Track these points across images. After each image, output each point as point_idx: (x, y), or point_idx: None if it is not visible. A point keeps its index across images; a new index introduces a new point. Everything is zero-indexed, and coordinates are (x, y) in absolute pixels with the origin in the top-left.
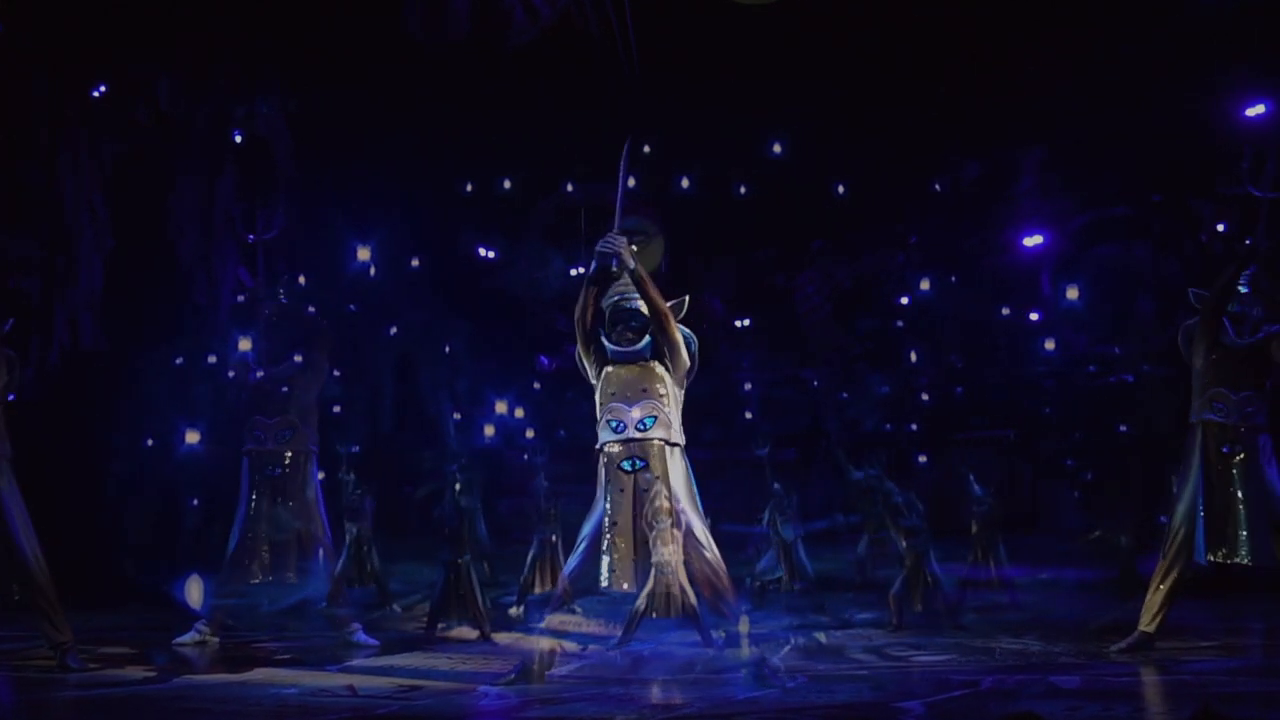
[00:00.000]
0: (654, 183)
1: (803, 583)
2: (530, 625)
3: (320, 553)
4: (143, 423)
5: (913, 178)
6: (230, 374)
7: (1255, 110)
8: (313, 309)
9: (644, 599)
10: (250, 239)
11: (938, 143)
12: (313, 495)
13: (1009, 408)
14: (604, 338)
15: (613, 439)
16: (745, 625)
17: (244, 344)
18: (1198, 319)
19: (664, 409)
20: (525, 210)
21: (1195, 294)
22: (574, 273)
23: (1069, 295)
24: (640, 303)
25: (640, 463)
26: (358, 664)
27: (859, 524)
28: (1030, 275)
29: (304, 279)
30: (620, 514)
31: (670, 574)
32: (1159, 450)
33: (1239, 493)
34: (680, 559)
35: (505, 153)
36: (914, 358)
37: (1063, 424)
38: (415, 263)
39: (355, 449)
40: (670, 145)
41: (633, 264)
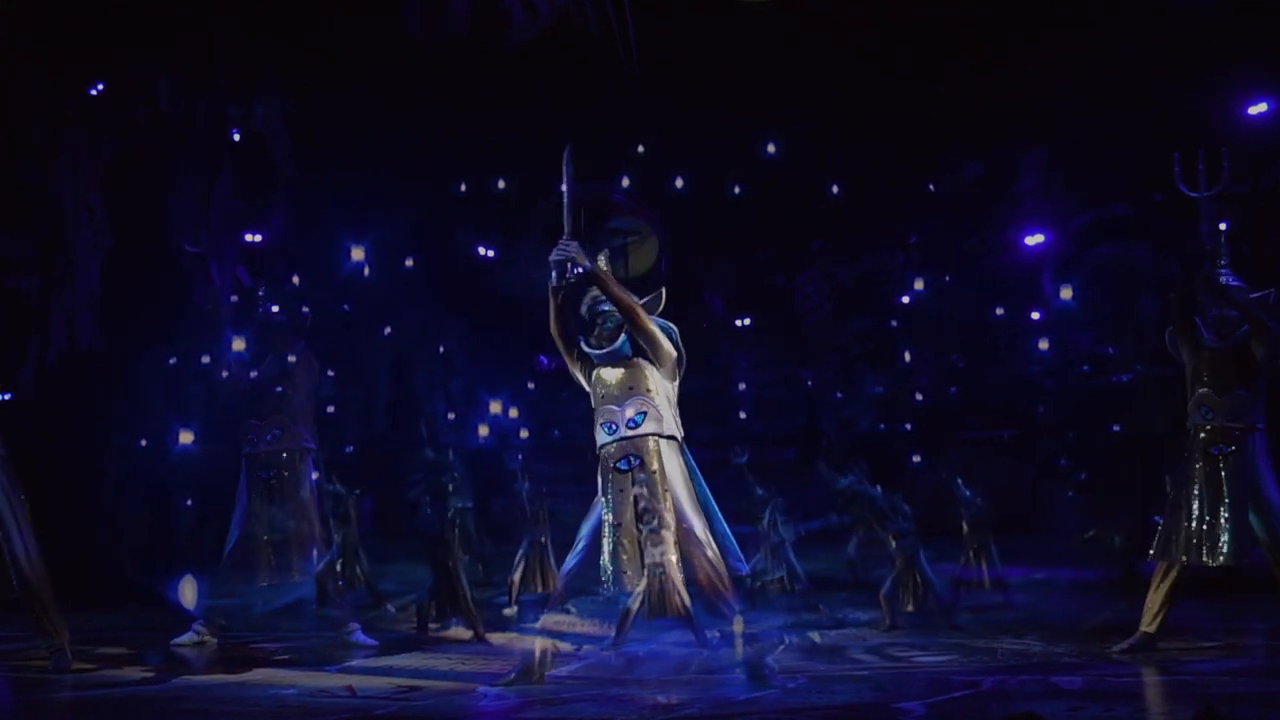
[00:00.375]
0: (653, 182)
1: (802, 583)
2: (525, 625)
3: (315, 553)
4: (137, 423)
5: (913, 177)
6: (224, 374)
7: (1258, 109)
8: (306, 308)
9: (636, 599)
10: (247, 238)
11: (938, 142)
12: (308, 495)
13: (1006, 408)
14: (584, 343)
15: (607, 440)
16: (740, 625)
17: (238, 344)
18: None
19: (654, 404)
20: (521, 210)
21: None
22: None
23: (1064, 295)
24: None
25: (635, 460)
26: (357, 664)
27: (850, 524)
28: (1031, 275)
29: (298, 279)
30: (623, 515)
31: (663, 575)
32: (1154, 450)
33: (1225, 494)
34: (674, 558)
35: (501, 152)
36: (912, 357)
37: (1058, 424)
38: (410, 262)
39: (349, 449)
40: (670, 145)
41: (589, 265)
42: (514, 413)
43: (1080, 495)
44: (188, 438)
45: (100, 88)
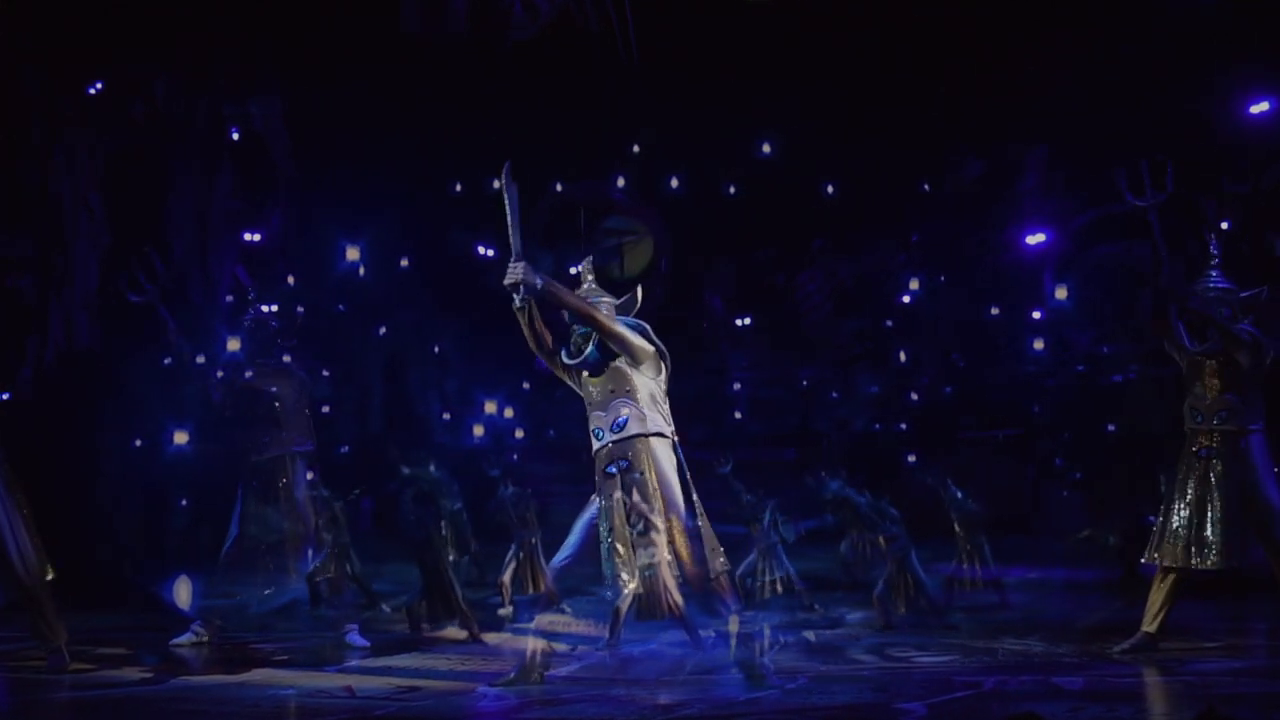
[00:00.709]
0: (651, 182)
1: (798, 583)
2: (520, 625)
3: (310, 553)
4: (131, 423)
5: (915, 177)
6: (219, 374)
7: (1259, 107)
8: (301, 308)
9: (626, 599)
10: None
11: (939, 142)
12: (302, 496)
13: (1006, 408)
14: (564, 353)
15: (597, 446)
16: (735, 624)
17: (232, 344)
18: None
19: (637, 405)
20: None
21: None
22: (573, 270)
23: (1059, 295)
24: None
25: (623, 463)
26: (356, 665)
27: (842, 525)
28: (1032, 274)
29: (293, 279)
30: (614, 519)
31: (652, 577)
32: (1149, 450)
33: (1216, 498)
34: (665, 559)
35: (497, 152)
36: (912, 357)
37: (1053, 424)
38: (405, 262)
39: (345, 449)
40: (668, 144)
41: (537, 284)
42: (509, 413)
43: (1076, 495)
44: (182, 438)
45: (99, 87)
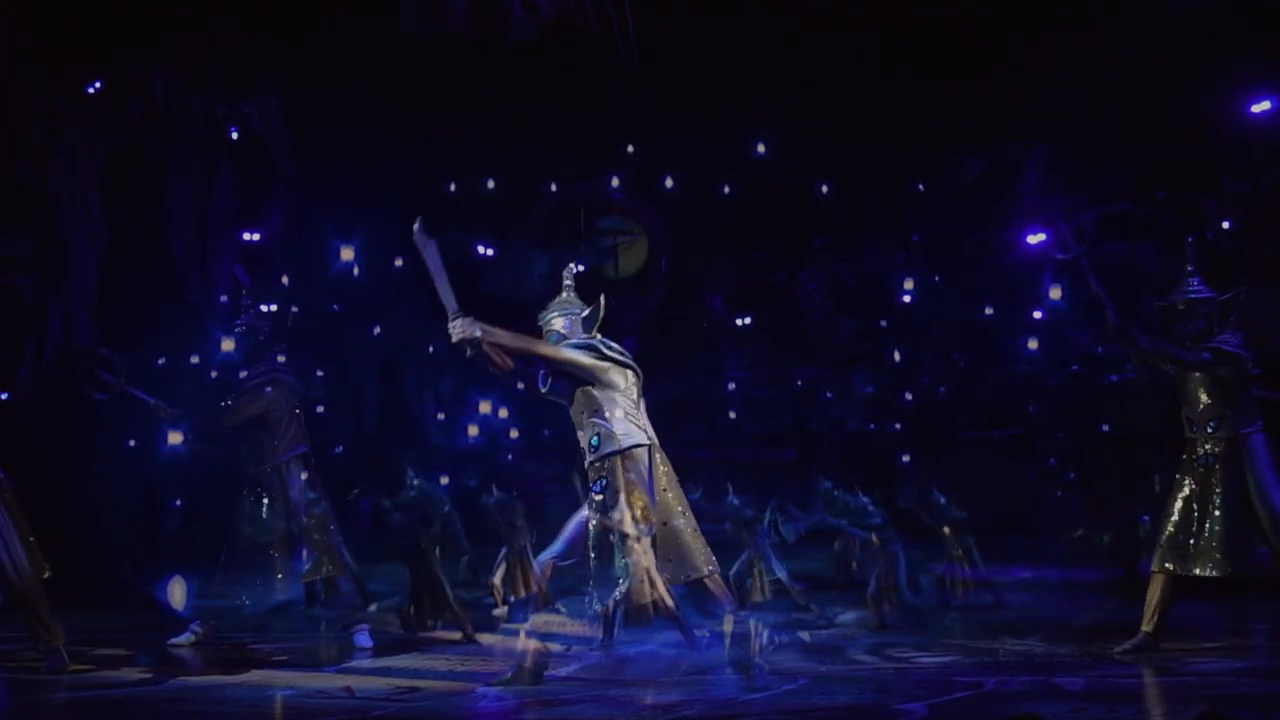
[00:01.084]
0: (649, 182)
1: (802, 584)
2: (515, 625)
3: (304, 553)
4: (127, 422)
5: (915, 177)
6: (213, 374)
7: (1260, 107)
8: (295, 308)
9: (613, 601)
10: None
11: (939, 142)
12: (297, 496)
13: (1002, 408)
14: (539, 384)
15: (585, 466)
16: (730, 624)
17: (227, 344)
18: None
19: (608, 423)
20: (516, 209)
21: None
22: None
23: (1054, 295)
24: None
25: (604, 481)
26: (355, 665)
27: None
28: (1033, 274)
29: (287, 279)
30: (596, 539)
31: (638, 582)
32: (1144, 450)
33: (1217, 504)
34: (651, 563)
35: (493, 152)
36: (913, 357)
37: (1049, 424)
38: (399, 262)
39: (339, 449)
40: (667, 144)
41: (476, 337)
42: (504, 413)
43: (1072, 495)
44: (176, 438)
45: (98, 86)
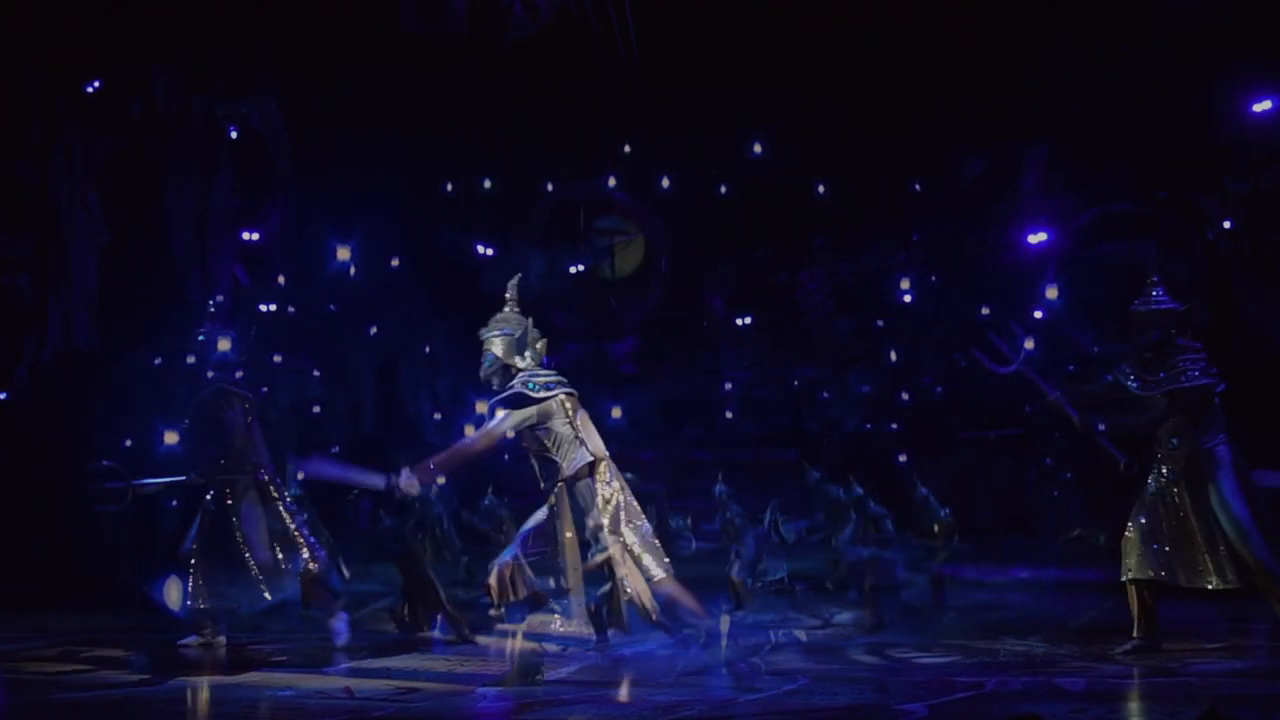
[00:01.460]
0: (648, 182)
1: (803, 584)
2: (511, 626)
3: (300, 554)
4: (124, 422)
5: (915, 177)
6: (210, 374)
7: (1262, 106)
8: (287, 304)
9: (600, 600)
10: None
11: (940, 142)
12: (288, 497)
13: (1001, 408)
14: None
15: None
16: (726, 624)
17: (223, 344)
18: None
19: (550, 457)
20: (515, 209)
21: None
22: (572, 270)
23: (1050, 295)
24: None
25: (554, 508)
26: (355, 666)
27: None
28: (1034, 274)
29: (284, 279)
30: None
31: (625, 584)
32: (1140, 450)
33: (1182, 516)
34: (626, 570)
35: (489, 152)
36: (913, 356)
37: (1045, 424)
38: (396, 262)
39: (336, 449)
40: (665, 143)
41: (422, 480)
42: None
43: (1068, 495)
44: (173, 438)
45: (97, 86)
